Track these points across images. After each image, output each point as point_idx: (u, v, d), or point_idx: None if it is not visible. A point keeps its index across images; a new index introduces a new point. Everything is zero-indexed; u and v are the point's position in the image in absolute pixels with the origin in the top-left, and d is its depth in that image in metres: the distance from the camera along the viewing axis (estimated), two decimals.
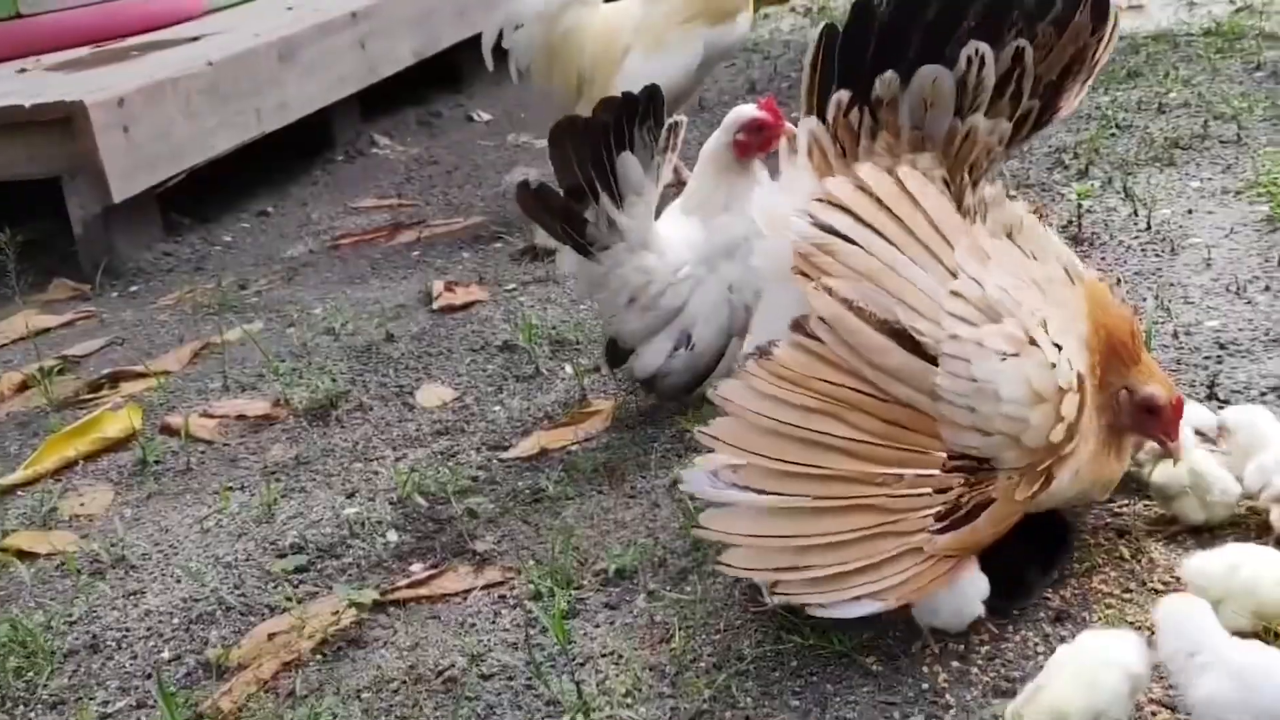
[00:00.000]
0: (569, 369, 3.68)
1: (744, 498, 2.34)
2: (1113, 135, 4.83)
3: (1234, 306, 3.41)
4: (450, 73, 7.12)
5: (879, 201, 2.37)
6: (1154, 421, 2.36)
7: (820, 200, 2.42)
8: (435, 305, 4.30)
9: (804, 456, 2.32)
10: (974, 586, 2.33)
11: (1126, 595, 2.39)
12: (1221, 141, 4.58)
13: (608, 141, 3.03)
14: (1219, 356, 3.18)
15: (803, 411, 2.33)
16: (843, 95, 2.45)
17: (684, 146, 3.31)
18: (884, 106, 2.41)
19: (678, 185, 3.54)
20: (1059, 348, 2.28)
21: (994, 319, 2.28)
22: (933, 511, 2.26)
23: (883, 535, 2.27)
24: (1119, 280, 3.62)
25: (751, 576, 2.41)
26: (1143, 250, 3.84)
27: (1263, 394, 2.97)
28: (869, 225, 2.36)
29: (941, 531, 2.26)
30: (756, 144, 3.14)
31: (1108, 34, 2.37)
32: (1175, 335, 3.29)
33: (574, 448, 3.29)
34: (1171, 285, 3.57)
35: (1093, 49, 2.36)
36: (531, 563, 2.81)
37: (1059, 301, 2.37)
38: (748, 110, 3.15)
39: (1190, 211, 4.05)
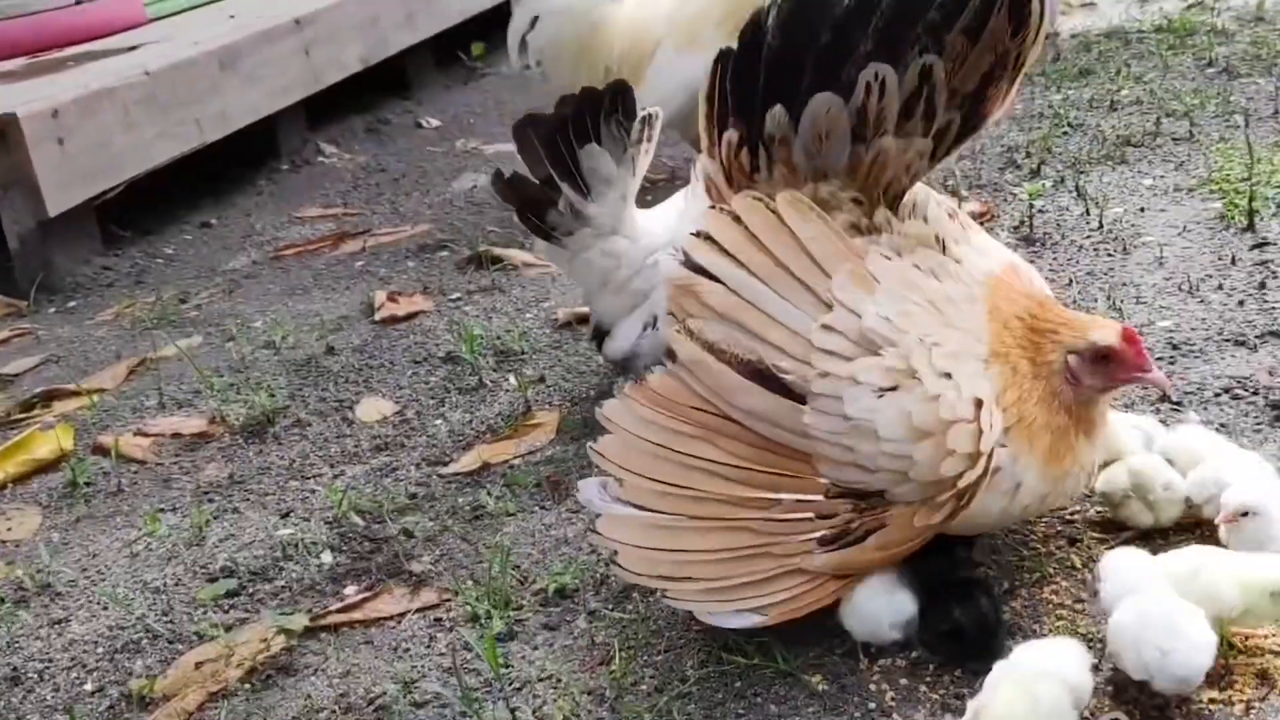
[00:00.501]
0: (513, 380, 3.59)
1: (627, 512, 2.32)
2: (1065, 134, 4.78)
3: (1187, 306, 3.35)
4: (399, 79, 7.02)
5: (750, 234, 2.29)
6: (1118, 364, 2.21)
7: (694, 235, 2.35)
8: (377, 316, 4.20)
9: (679, 478, 2.31)
10: (879, 606, 2.26)
11: (1079, 605, 2.32)
12: (1174, 139, 4.54)
13: (566, 135, 3.00)
14: (1172, 357, 3.12)
15: (676, 435, 2.32)
16: (732, 136, 2.35)
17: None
18: (776, 143, 2.31)
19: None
20: (948, 376, 2.17)
21: (871, 351, 2.19)
22: (815, 535, 2.23)
23: (761, 555, 2.25)
24: (1070, 281, 3.56)
25: (640, 582, 2.36)
26: (1095, 250, 3.78)
27: (1216, 395, 2.92)
28: (736, 260, 2.28)
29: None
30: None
31: (1032, 34, 2.17)
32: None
33: (516, 461, 3.20)
34: (1124, 285, 3.52)
35: (1015, 51, 2.18)
36: (470, 583, 2.71)
37: (957, 323, 2.24)
38: None
39: (1142, 210, 4.00)
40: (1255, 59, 5.25)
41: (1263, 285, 3.37)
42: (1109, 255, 3.74)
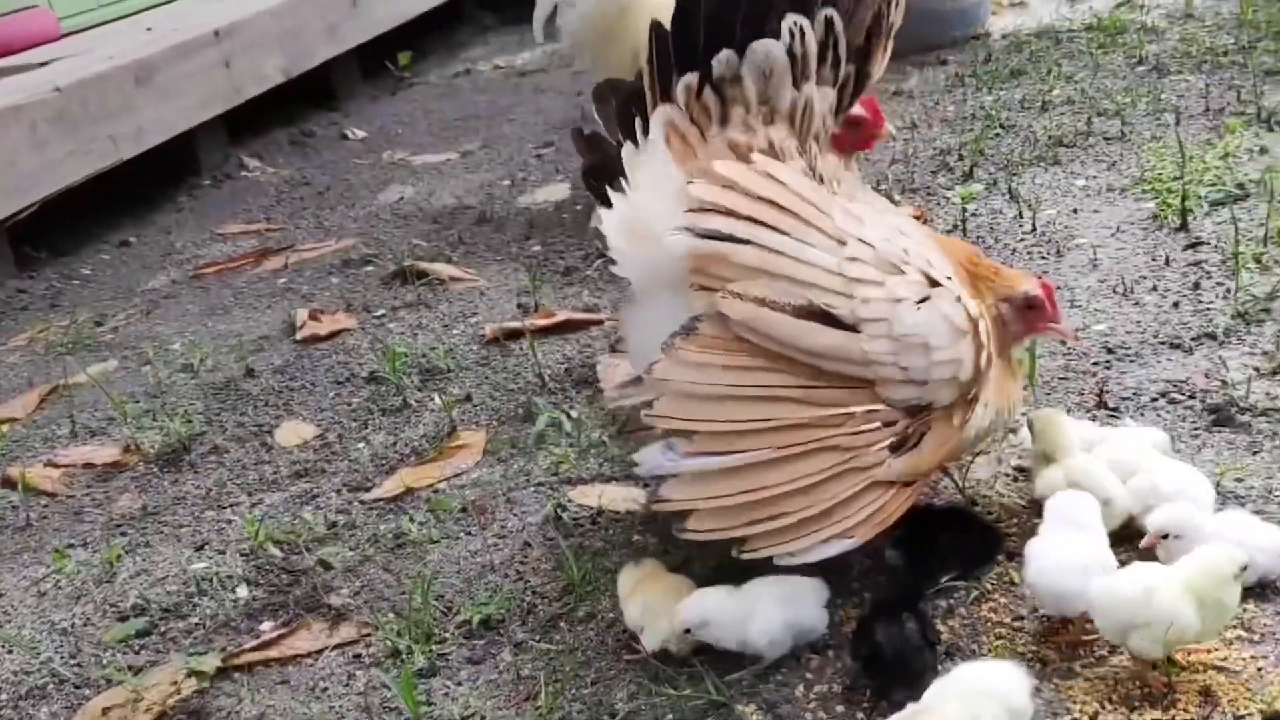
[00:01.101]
0: (439, 400, 3.48)
1: (703, 463, 2.29)
2: (997, 135, 4.73)
3: (1121, 308, 3.31)
4: (324, 89, 6.88)
5: (748, 193, 2.36)
6: (1038, 314, 2.42)
7: (692, 210, 2.37)
8: (299, 336, 4.07)
9: (753, 412, 2.30)
10: (743, 611, 2.24)
11: (1017, 623, 2.25)
12: (1106, 138, 4.50)
13: (641, 105, 2.87)
14: (1107, 362, 3.07)
15: (741, 371, 2.31)
16: (691, 79, 2.47)
17: None
18: (728, 83, 2.45)
19: None
20: (951, 279, 2.34)
21: (895, 272, 2.30)
22: (886, 443, 2.29)
23: (846, 472, 2.28)
24: None
25: (719, 537, 2.29)
26: (1029, 253, 3.73)
27: (1153, 400, 2.87)
28: (748, 219, 2.34)
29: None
30: (852, 140, 3.03)
31: None
32: (1061, 341, 3.17)
33: (441, 485, 3.09)
34: (1058, 289, 3.44)
35: (887, 11, 2.41)
36: (391, 616, 2.60)
37: (927, 244, 2.40)
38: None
39: (1075, 211, 3.96)
40: (1185, 56, 5.24)
41: (1197, 286, 3.33)
42: (1043, 258, 3.69)
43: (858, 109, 2.92)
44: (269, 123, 6.53)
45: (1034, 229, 3.86)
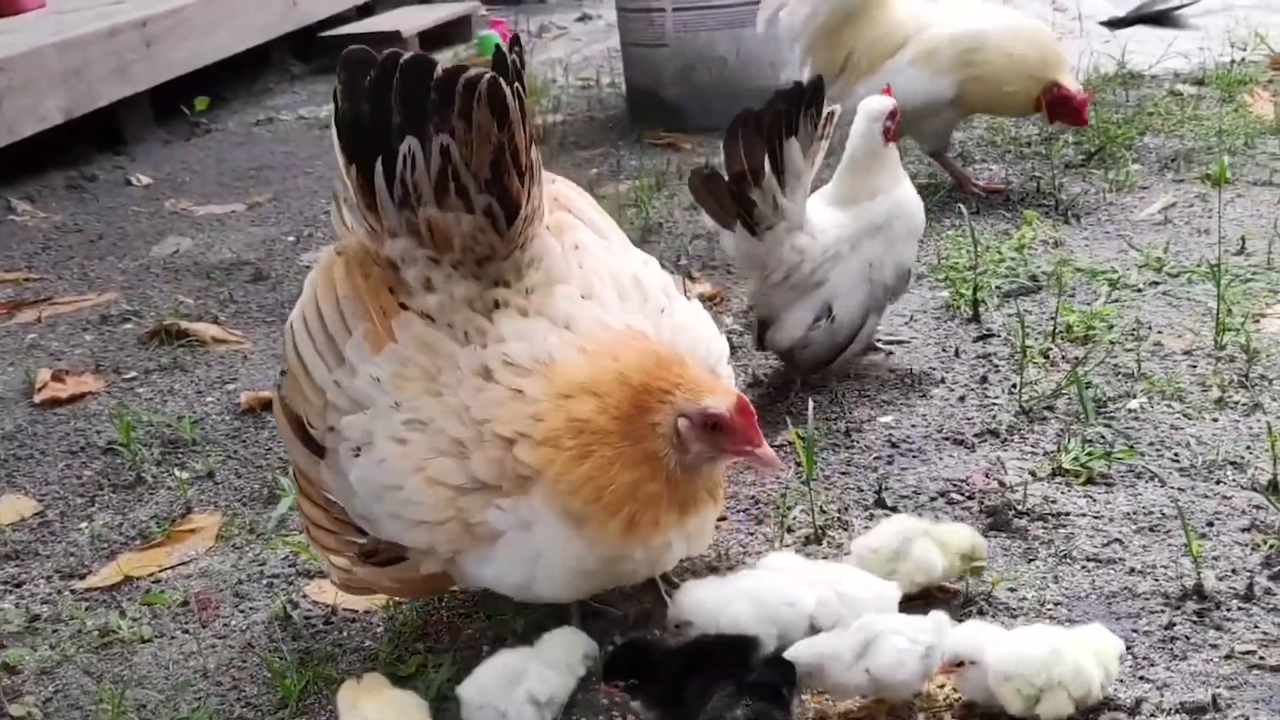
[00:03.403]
0: (178, 475, 3.16)
1: None
2: None
3: (909, 400, 3.19)
4: (112, 132, 6.48)
5: (323, 288, 2.30)
6: (728, 435, 2.07)
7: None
8: (38, 398, 3.70)
9: None
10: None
11: None
12: None
13: (779, 128, 2.98)
14: (890, 456, 2.94)
15: None
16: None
17: None
18: (343, 198, 2.37)
19: None
20: (402, 443, 2.11)
21: (357, 411, 2.17)
22: (358, 541, 2.25)
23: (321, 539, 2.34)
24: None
25: None
26: None
27: (932, 499, 2.74)
28: (303, 315, 2.31)
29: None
30: (895, 130, 3.27)
31: (518, 132, 2.15)
32: (847, 433, 3.04)
33: (165, 574, 2.78)
34: (849, 378, 3.33)
35: (509, 146, 2.16)
36: None
37: (457, 390, 2.13)
38: (885, 100, 3.23)
39: None
40: (991, 145, 5.27)
41: (984, 380, 3.24)
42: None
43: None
44: (47, 164, 6.10)
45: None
